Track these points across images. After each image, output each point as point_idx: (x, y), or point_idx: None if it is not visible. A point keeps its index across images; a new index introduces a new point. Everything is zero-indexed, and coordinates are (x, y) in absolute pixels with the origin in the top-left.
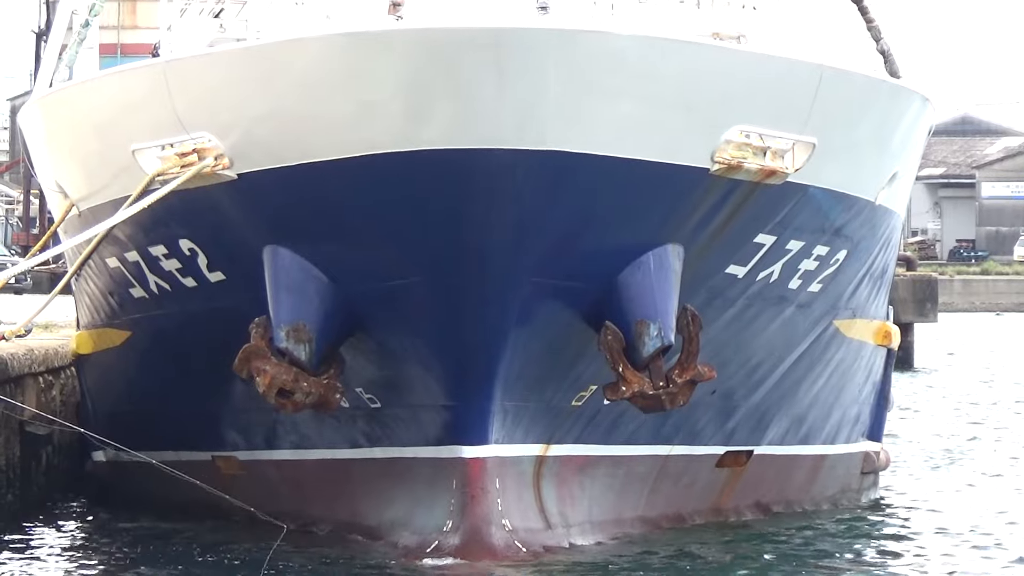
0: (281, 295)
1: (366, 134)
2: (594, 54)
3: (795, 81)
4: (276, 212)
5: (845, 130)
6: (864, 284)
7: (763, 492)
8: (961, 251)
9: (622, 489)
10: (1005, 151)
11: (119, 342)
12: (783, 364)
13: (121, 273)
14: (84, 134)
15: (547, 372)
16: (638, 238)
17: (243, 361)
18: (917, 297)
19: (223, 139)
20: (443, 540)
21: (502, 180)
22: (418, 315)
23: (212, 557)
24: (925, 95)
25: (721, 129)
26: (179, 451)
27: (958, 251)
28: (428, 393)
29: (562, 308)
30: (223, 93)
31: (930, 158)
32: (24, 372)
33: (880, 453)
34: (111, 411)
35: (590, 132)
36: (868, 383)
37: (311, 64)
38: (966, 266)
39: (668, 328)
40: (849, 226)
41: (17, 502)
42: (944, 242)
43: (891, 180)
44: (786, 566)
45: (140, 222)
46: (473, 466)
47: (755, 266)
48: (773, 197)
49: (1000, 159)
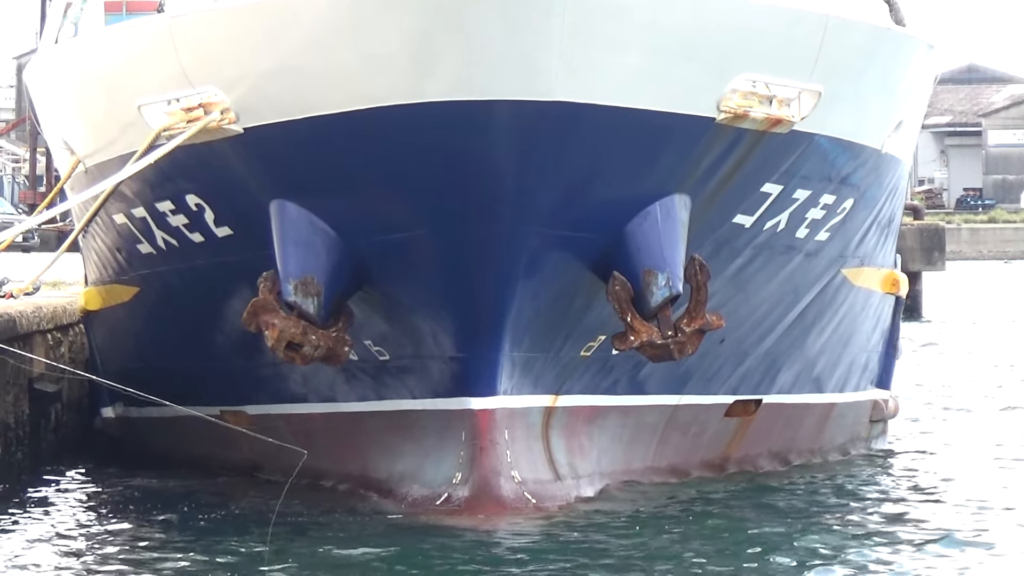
0: (289, 249)
1: (372, 87)
2: (599, 4)
3: (800, 29)
4: (282, 166)
5: (851, 78)
6: (871, 232)
7: (772, 441)
8: (968, 199)
9: (631, 440)
10: (1011, 99)
11: (127, 298)
12: (791, 313)
13: (128, 229)
14: (90, 90)
15: (555, 323)
16: (645, 188)
17: (252, 315)
18: (924, 246)
19: (229, 93)
20: (452, 492)
21: (508, 131)
22: (426, 268)
23: (221, 511)
24: (930, 43)
25: (727, 78)
26: (187, 406)
27: (965, 199)
28: (436, 345)
29: (570, 259)
30: (229, 48)
31: (936, 106)
32: (33, 330)
33: (889, 401)
34: (120, 367)
35: (596, 83)
36: (876, 331)
37: (317, 18)
38: (973, 214)
39: (676, 278)
40: (856, 174)
41: (27, 459)
42: (951, 191)
43: (897, 128)
44: (795, 515)
45: (147, 178)
46: (482, 418)
47: (762, 215)
48: (779, 146)
49: (1007, 107)
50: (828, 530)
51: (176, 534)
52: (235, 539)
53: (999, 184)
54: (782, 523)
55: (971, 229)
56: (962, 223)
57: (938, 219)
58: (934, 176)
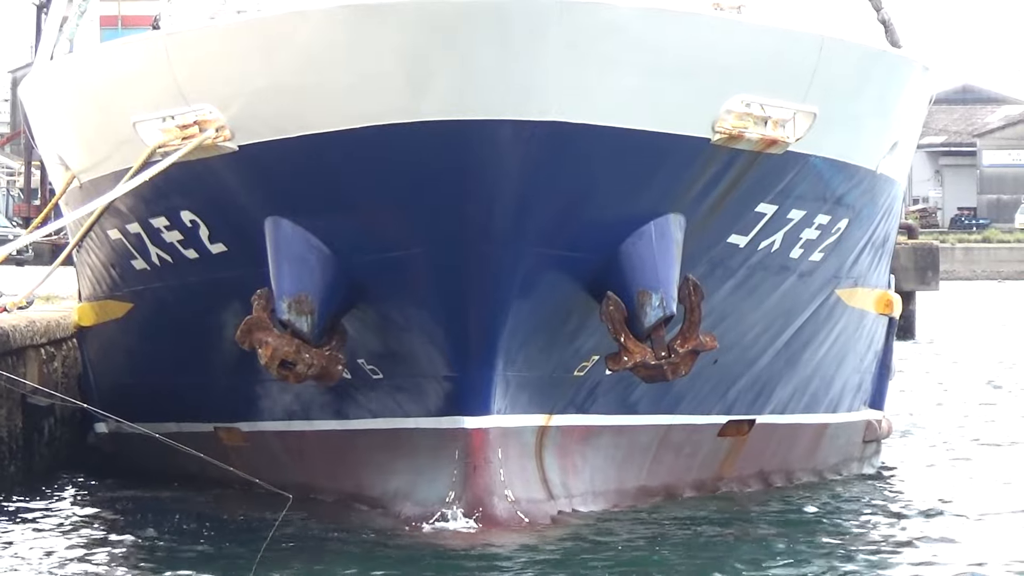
0: (283, 267)
1: (367, 106)
2: (595, 24)
3: (796, 51)
4: (277, 183)
5: (846, 99)
6: (865, 253)
7: (765, 461)
8: (962, 219)
9: (624, 459)
10: (1006, 119)
11: (121, 314)
12: (785, 333)
13: (123, 245)
14: (85, 106)
15: (549, 343)
16: (640, 208)
17: (245, 333)
18: (918, 265)
19: (224, 111)
20: (445, 510)
21: (503, 151)
22: (420, 286)
23: (214, 527)
24: (925, 64)
25: (722, 99)
26: (181, 422)
27: (959, 219)
28: (430, 364)
29: (564, 278)
30: (224, 65)
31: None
32: (26, 344)
33: (882, 422)
34: (113, 383)
35: (591, 102)
36: (870, 352)
37: (312, 36)
38: (967, 234)
39: (670, 298)
40: (850, 195)
41: (19, 473)
42: (945, 210)
43: (892, 149)
44: (788, 536)
45: (141, 194)
46: (475, 437)
47: (756, 235)
48: (774, 167)
49: (1001, 127)
50: (822, 550)
51: (168, 548)
52: (227, 552)
53: (993, 204)
54: (776, 541)
55: (965, 249)
56: (956, 242)
57: (932, 238)
58: (929, 195)
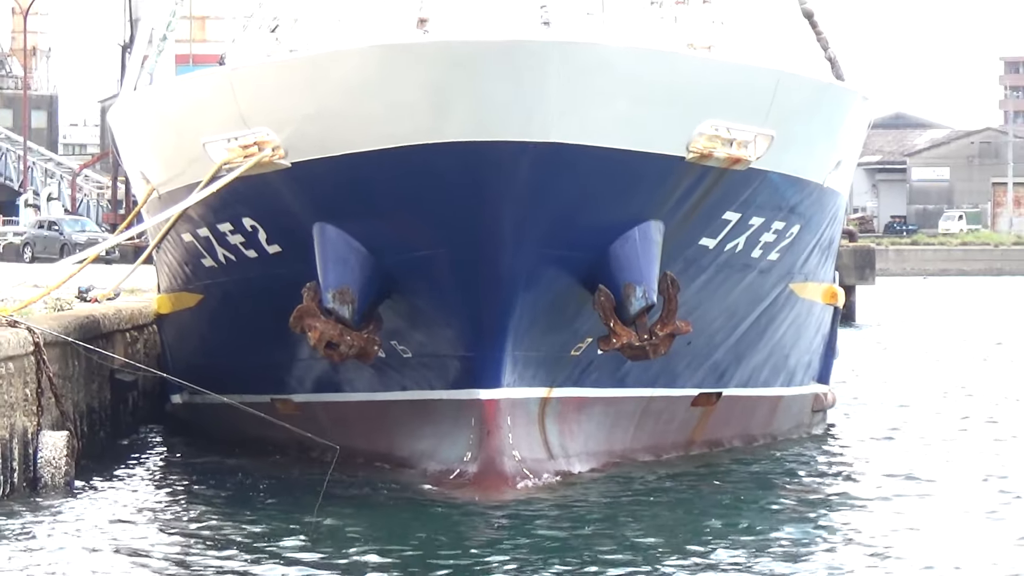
0: (328, 264)
1: (397, 129)
2: (589, 62)
3: (757, 83)
4: (323, 195)
5: (799, 124)
6: (815, 253)
7: (731, 427)
8: (895, 225)
9: (612, 425)
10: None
11: (193, 304)
12: (747, 320)
13: (194, 246)
14: (163, 130)
15: (550, 327)
16: (626, 215)
17: (297, 319)
18: (858, 264)
19: (279, 133)
20: (463, 468)
21: (513, 167)
22: (442, 280)
23: (272, 482)
24: (865, 94)
25: (695, 124)
26: (243, 394)
27: (892, 225)
28: (450, 345)
29: (563, 274)
30: (278, 95)
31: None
32: (114, 329)
33: (828, 394)
34: (187, 362)
35: (586, 127)
36: (818, 336)
37: (351, 71)
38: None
39: (651, 290)
40: (802, 205)
41: (108, 438)
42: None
43: (837, 166)
44: (751, 488)
45: (210, 203)
46: (488, 406)
47: (723, 238)
48: (738, 181)
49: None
50: (780, 498)
51: (234, 502)
52: (288, 505)
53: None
54: (741, 492)
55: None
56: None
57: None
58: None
